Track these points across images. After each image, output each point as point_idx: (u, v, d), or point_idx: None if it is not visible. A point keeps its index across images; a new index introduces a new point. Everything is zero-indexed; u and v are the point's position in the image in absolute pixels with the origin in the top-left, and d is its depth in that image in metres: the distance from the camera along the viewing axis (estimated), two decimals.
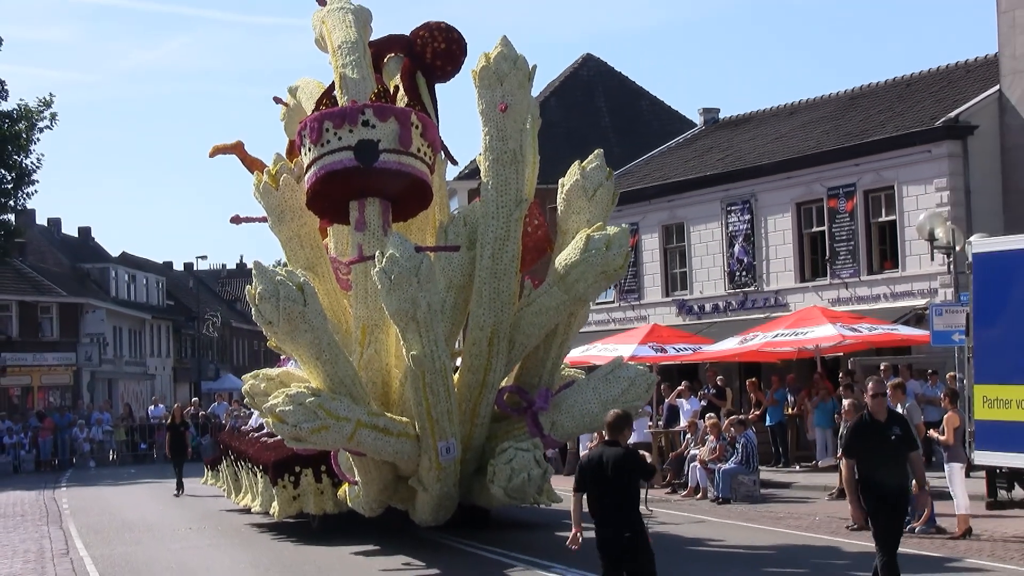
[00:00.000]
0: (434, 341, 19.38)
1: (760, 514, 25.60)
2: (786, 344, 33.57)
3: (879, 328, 33.01)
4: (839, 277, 37.89)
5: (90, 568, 21.34)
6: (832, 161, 38.09)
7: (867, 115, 40.51)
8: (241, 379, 28.09)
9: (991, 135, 35.50)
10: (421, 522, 22.00)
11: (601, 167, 22.65)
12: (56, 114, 56.47)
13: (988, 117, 35.60)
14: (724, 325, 39.67)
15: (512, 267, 21.61)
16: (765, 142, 43.57)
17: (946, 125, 35.30)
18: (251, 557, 22.15)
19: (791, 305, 38.55)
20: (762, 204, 40.41)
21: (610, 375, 21.97)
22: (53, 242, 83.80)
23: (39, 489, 38.70)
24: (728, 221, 41.45)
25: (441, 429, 19.85)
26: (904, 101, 40.11)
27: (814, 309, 35.02)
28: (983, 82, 37.14)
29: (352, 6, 24.63)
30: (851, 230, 37.53)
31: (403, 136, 21.43)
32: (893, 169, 36.50)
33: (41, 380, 70.14)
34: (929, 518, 22.01)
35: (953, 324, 26.07)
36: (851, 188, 37.48)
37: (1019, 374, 19.67)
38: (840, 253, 37.86)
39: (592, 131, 50.68)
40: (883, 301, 36.40)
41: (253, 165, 26.37)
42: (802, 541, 21.62)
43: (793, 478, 31.33)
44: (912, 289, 35.70)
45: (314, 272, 23.45)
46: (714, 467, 28.61)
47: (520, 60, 21.75)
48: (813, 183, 38.72)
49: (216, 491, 30.83)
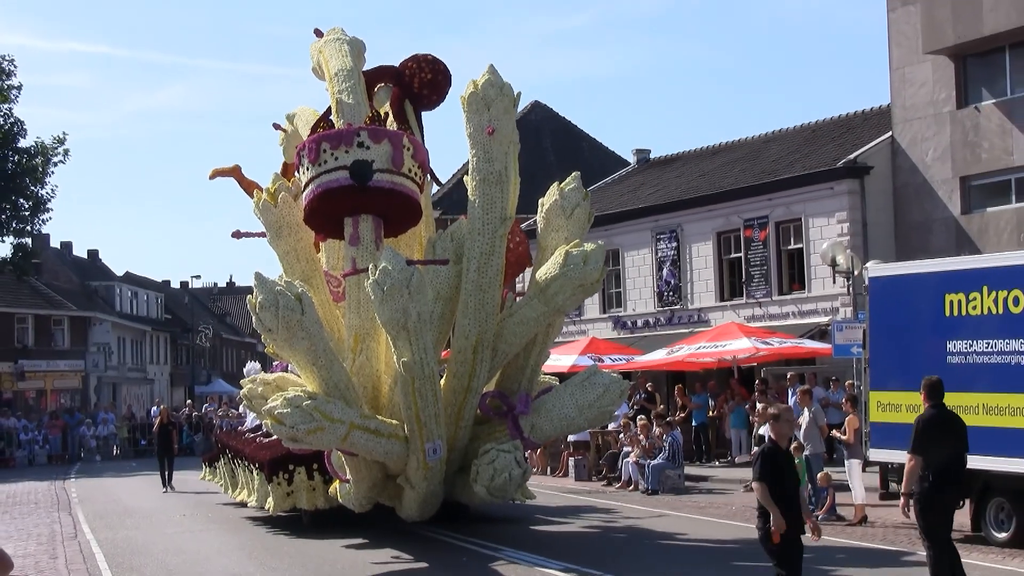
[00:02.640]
0: (423, 349, 18.85)
1: (684, 504, 25.66)
2: (707, 355, 33.63)
3: (788, 342, 33.17)
4: (753, 297, 38.00)
5: (96, 550, 21.19)
6: (748, 196, 38.21)
7: (778, 156, 40.66)
8: (229, 384, 27.81)
9: (884, 175, 35.69)
10: (407, 517, 21.44)
11: (578, 189, 21.99)
12: (68, 150, 56.73)
13: (882, 159, 35.77)
14: (653, 338, 39.69)
15: (496, 280, 20.95)
16: (690, 179, 43.66)
17: (846, 166, 35.48)
18: (239, 541, 22.02)
19: (712, 321, 38.60)
20: (687, 233, 40.49)
21: (586, 382, 21.33)
22: (65, 262, 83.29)
23: (51, 480, 38.42)
24: (657, 248, 41.51)
25: (428, 431, 19.35)
26: (810, 144, 40.28)
27: (732, 325, 35.15)
28: (878, 129, 37.34)
29: (347, 37, 24.10)
30: (764, 256, 37.68)
31: (396, 157, 20.91)
32: (801, 203, 36.64)
33: (54, 384, 69.76)
34: (831, 507, 22.17)
35: (852, 339, 26.16)
36: (764, 220, 37.61)
37: (907, 382, 19.71)
38: (754, 276, 37.99)
39: (539, 168, 50.31)
40: (791, 318, 36.51)
41: (249, 187, 25.97)
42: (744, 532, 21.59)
43: (713, 472, 31.45)
44: (816, 308, 35.83)
45: (309, 284, 22.65)
46: (644, 463, 28.63)
47: (506, 87, 21.16)
48: (731, 215, 38.83)
49: (210, 486, 30.31)
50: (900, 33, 35.63)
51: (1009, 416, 17.37)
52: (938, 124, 34.61)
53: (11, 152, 55.11)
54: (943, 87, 34.51)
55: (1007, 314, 18.21)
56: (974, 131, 33.70)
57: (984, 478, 18.01)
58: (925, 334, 19.45)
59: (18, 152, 55.22)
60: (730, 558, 18.31)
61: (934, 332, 19.25)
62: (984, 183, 33.93)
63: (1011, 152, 32.79)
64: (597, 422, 24.19)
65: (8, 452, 48.51)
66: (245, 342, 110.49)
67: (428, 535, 21.21)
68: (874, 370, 20.72)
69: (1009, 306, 18.20)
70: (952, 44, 33.61)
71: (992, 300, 18.47)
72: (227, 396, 73.18)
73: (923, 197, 34.95)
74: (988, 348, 18.45)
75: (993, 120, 33.24)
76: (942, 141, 34.49)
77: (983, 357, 18.52)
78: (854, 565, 17.21)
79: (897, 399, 19.94)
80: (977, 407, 18.25)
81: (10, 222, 55.65)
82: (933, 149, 34.70)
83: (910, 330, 19.85)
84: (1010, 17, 31.94)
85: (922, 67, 34.94)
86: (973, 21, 32.82)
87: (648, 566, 17.43)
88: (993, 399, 18.14)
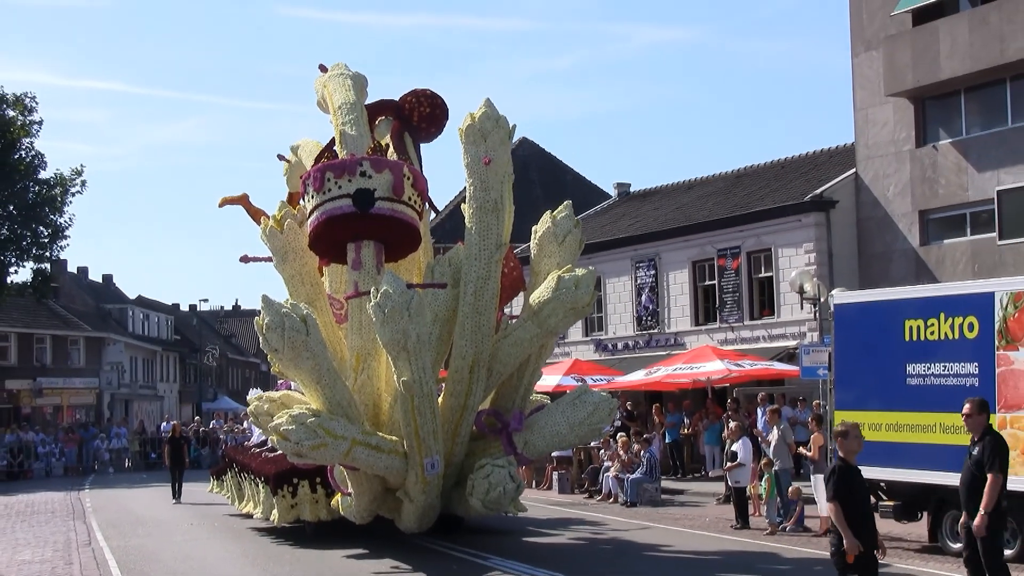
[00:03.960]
0: (422, 368, 18.66)
1: (662, 516, 25.64)
2: (683, 376, 33.63)
3: (759, 364, 33.20)
4: (726, 322, 38.07)
5: (108, 556, 21.15)
6: (721, 227, 38.29)
7: (750, 190, 40.77)
8: (234, 401, 27.68)
9: (849, 209, 35.82)
10: (406, 529, 21.20)
11: (569, 216, 21.77)
12: (85, 181, 56.72)
13: (847, 194, 35.89)
14: (633, 360, 39.72)
15: (492, 303, 20.76)
16: (668, 211, 43.75)
17: (813, 200, 35.59)
18: (244, 549, 21.94)
19: (687, 344, 38.62)
20: (665, 262, 40.58)
21: (577, 400, 21.08)
22: (81, 286, 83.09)
23: (66, 491, 38.25)
24: (637, 275, 41.59)
25: (427, 447, 19.17)
26: (780, 179, 40.40)
27: (706, 348, 35.17)
28: (843, 165, 37.44)
29: (350, 72, 23.95)
30: (736, 284, 37.76)
31: (396, 186, 20.77)
32: (771, 235, 36.75)
33: (69, 400, 69.54)
34: (799, 519, 22.21)
35: (818, 361, 26.19)
36: (737, 250, 37.71)
37: (870, 402, 19.81)
38: (727, 302, 38.07)
39: (526, 200, 50.07)
40: (762, 342, 36.59)
41: (256, 214, 25.83)
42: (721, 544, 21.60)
43: (687, 486, 31.40)
44: (785, 332, 35.91)
45: (314, 306, 22.36)
46: (623, 477, 28.65)
47: (502, 120, 20.82)
48: (706, 245, 38.93)
49: (216, 497, 30.11)
50: (863, 77, 35.83)
51: (964, 435, 17.42)
52: (899, 161, 34.77)
53: (32, 183, 55.09)
54: (903, 127, 34.70)
55: (962, 339, 18.31)
56: (932, 168, 33.86)
57: (940, 493, 18.09)
58: (886, 357, 19.51)
59: (38, 183, 55.19)
60: (712, 569, 18.28)
61: (895, 355, 19.31)
62: (941, 217, 34.08)
63: (966, 188, 32.97)
64: (588, 439, 24.05)
65: (26, 464, 48.31)
66: (250, 362, 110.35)
67: (426, 546, 21.09)
68: (839, 391, 20.78)
69: (964, 332, 18.31)
70: (912, 87, 33.79)
71: (948, 326, 18.56)
72: (232, 412, 73.08)
73: (884, 230, 35.09)
74: (944, 371, 18.53)
75: (950, 158, 33.41)
76: (902, 177, 34.65)
77: (940, 379, 18.60)
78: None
79: (860, 418, 19.91)
80: (934, 426, 18.36)
81: (30, 248, 55.60)
82: (894, 185, 34.85)
83: (872, 354, 19.91)
84: (965, 63, 32.16)
85: (884, 108, 35.12)
86: (931, 66, 33.02)
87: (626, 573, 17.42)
88: (948, 418, 18.18)
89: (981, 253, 32.42)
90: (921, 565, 17.35)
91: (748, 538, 21.56)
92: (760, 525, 22.73)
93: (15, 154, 53.96)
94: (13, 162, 53.68)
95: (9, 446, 48.28)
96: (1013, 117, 32.15)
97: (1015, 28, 31.01)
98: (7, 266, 55.23)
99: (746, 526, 22.85)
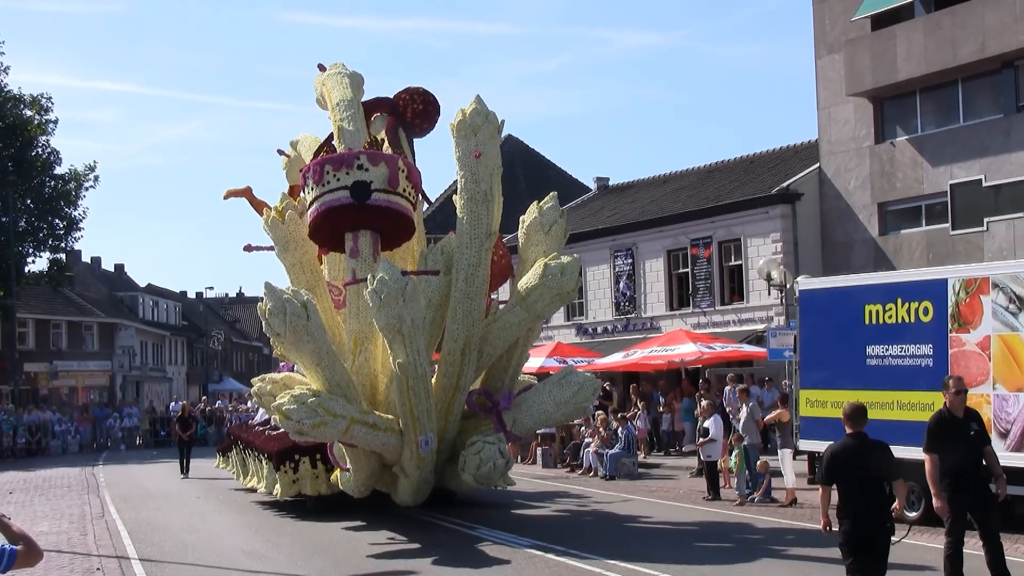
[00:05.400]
0: (416, 351, 18.53)
1: (639, 488, 25.67)
2: (658, 358, 33.62)
3: (729, 346, 33.19)
4: (699, 307, 38.12)
5: (120, 528, 21.11)
6: (694, 219, 38.32)
7: (721, 184, 40.79)
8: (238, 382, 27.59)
9: (813, 201, 35.87)
10: (402, 502, 21.15)
11: (555, 207, 21.62)
12: (99, 176, 56.76)
13: (811, 187, 35.94)
14: (611, 343, 39.73)
15: (482, 289, 20.57)
16: (644, 203, 43.76)
17: (780, 193, 35.64)
18: (248, 521, 21.89)
19: (662, 328, 38.65)
20: (641, 251, 40.59)
21: (562, 380, 21.15)
22: (94, 275, 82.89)
23: (81, 467, 38.15)
24: (615, 264, 41.60)
25: (421, 425, 19.09)
26: (748, 174, 40.43)
27: (680, 331, 35.17)
28: (807, 160, 37.47)
29: (348, 71, 23.72)
30: (708, 271, 37.80)
31: (391, 178, 20.54)
32: (740, 225, 36.80)
33: (84, 382, 69.54)
34: (766, 491, 22.27)
35: (784, 344, 26.25)
36: (708, 239, 37.74)
37: (832, 382, 19.87)
38: (700, 289, 38.11)
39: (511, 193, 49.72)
40: (732, 326, 36.64)
41: (259, 206, 25.54)
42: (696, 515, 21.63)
43: (662, 460, 31.47)
44: (754, 317, 35.97)
45: (314, 292, 22.15)
46: (603, 452, 28.68)
47: (491, 115, 20.59)
48: (680, 235, 38.95)
49: (222, 473, 30.07)
50: (826, 78, 35.85)
51: (919, 411, 17.50)
52: (859, 157, 34.83)
53: (48, 179, 55.01)
54: (863, 125, 34.74)
55: (918, 323, 18.39)
56: (890, 163, 33.93)
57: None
58: (848, 340, 19.57)
59: (54, 178, 55.12)
60: (691, 538, 18.31)
61: (855, 338, 19.38)
62: (898, 208, 34.14)
63: (922, 182, 33.04)
64: (573, 417, 23.96)
65: (44, 442, 48.21)
66: (253, 345, 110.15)
67: (420, 518, 21.04)
68: (804, 371, 20.83)
69: (920, 316, 18.39)
70: (871, 88, 33.83)
71: (905, 310, 18.64)
72: (237, 393, 73.10)
73: (846, 221, 35.16)
74: (901, 352, 18.62)
75: (906, 154, 33.47)
76: (862, 172, 34.71)
77: (897, 360, 18.69)
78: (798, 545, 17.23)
79: (824, 396, 20.07)
80: (892, 403, 18.43)
81: (47, 240, 55.55)
82: (855, 179, 34.91)
83: (835, 336, 19.97)
84: (920, 66, 32.20)
85: (845, 108, 35.16)
86: (889, 69, 33.06)
87: (612, 544, 17.40)
88: (905, 396, 18.31)
89: (935, 242, 32.50)
90: None
91: (719, 508, 21.63)
92: (730, 496, 22.79)
93: (32, 151, 53.93)
94: (30, 159, 53.64)
95: (28, 425, 48.23)
96: (965, 116, 32.22)
97: (967, 33, 31.06)
98: (25, 256, 55.20)
99: (717, 497, 22.90)
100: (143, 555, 17.72)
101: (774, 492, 22.21)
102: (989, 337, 17.38)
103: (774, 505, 21.51)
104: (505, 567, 15.43)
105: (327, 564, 16.34)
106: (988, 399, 17.23)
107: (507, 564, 15.66)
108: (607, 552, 16.16)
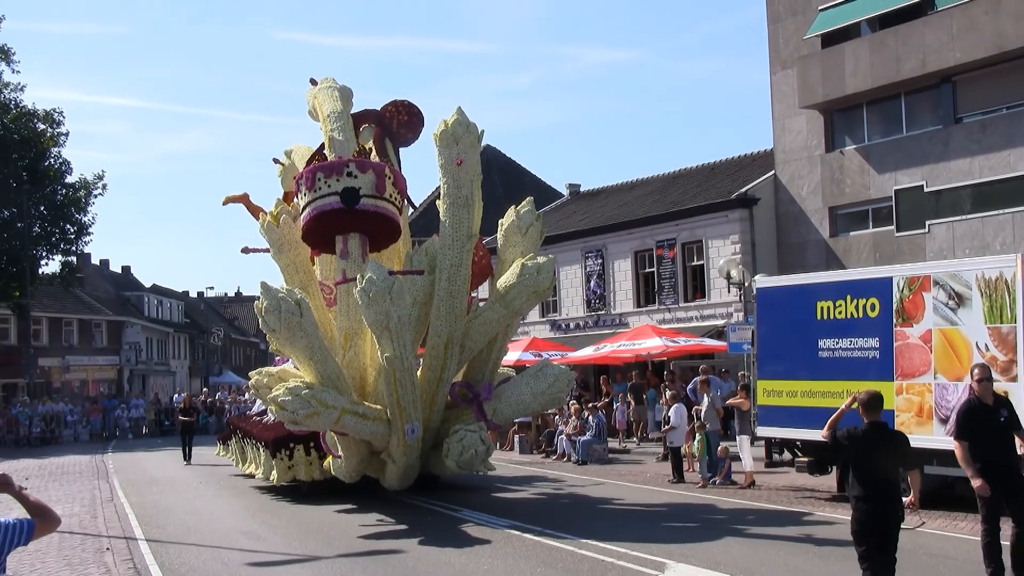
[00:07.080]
0: (403, 346, 18.55)
1: (609, 472, 25.64)
2: (627, 352, 33.69)
3: (692, 340, 33.30)
4: (664, 304, 38.13)
5: (128, 511, 21.00)
6: (660, 222, 38.32)
7: (684, 189, 40.81)
8: (237, 375, 27.47)
9: (769, 205, 35.94)
10: (389, 487, 21.14)
11: (532, 211, 21.63)
12: (107, 184, 56.70)
13: (767, 192, 36.00)
14: (583, 338, 39.71)
15: (464, 288, 20.56)
16: (613, 208, 43.74)
17: (738, 198, 35.68)
18: (246, 505, 21.78)
19: (630, 324, 38.69)
20: (610, 252, 40.58)
21: (539, 372, 21.09)
22: (103, 276, 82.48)
23: (91, 454, 38.05)
24: (586, 264, 41.58)
25: (407, 414, 19.13)
26: (709, 180, 40.46)
27: (646, 327, 35.26)
28: (763, 168, 37.54)
29: (338, 85, 23.65)
30: (672, 271, 37.82)
31: (379, 184, 20.50)
32: (702, 228, 36.81)
33: (94, 376, 69.25)
34: (727, 474, 22.29)
35: (743, 338, 26.27)
36: (672, 241, 37.75)
37: (787, 373, 19.89)
38: (665, 287, 38.13)
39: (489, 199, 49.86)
40: (694, 321, 36.65)
41: (256, 211, 25.49)
42: (664, 497, 21.60)
43: (630, 446, 31.48)
44: (715, 313, 36.01)
45: (306, 291, 22.21)
46: (575, 439, 28.67)
47: (472, 126, 20.41)
48: (646, 237, 38.95)
49: (222, 460, 29.97)
50: (780, 92, 35.93)
51: None
52: (811, 165, 34.90)
53: (60, 187, 54.74)
54: (814, 135, 34.83)
55: (866, 317, 18.42)
56: (839, 170, 34.01)
57: None
58: (802, 334, 19.59)
59: (66, 187, 54.86)
60: (661, 519, 18.27)
61: (808, 332, 19.40)
62: (847, 212, 34.23)
63: (868, 188, 33.14)
64: (549, 406, 23.91)
65: (57, 431, 48.15)
66: (250, 341, 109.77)
67: (407, 501, 20.95)
68: (761, 363, 20.84)
69: (867, 311, 18.42)
70: (821, 101, 33.91)
71: (854, 306, 18.67)
72: (236, 386, 72.70)
73: (800, 223, 35.23)
74: (851, 345, 18.65)
75: (854, 162, 33.57)
76: (814, 178, 34.79)
77: (847, 352, 18.72)
78: (757, 524, 17.24)
79: (779, 387, 20.10)
80: (843, 392, 18.43)
81: (59, 243, 55.33)
82: (807, 185, 34.98)
83: (790, 331, 19.98)
84: (866, 80, 32.31)
85: (798, 119, 35.24)
86: (838, 83, 33.15)
87: (585, 524, 17.36)
88: (855, 386, 18.20)
89: (881, 243, 32.60)
90: (832, 513, 17.45)
91: (683, 491, 21.61)
92: (693, 480, 22.79)
93: (45, 162, 53.70)
94: (44, 169, 53.41)
95: (42, 416, 48.18)
96: (908, 127, 32.33)
97: (909, 50, 31.17)
98: (39, 259, 54.93)
99: (681, 480, 22.91)
100: (149, 536, 17.64)
101: (734, 475, 22.23)
102: (931, 331, 17.42)
103: (734, 487, 21.52)
104: (486, 546, 15.37)
105: (320, 544, 16.25)
106: (930, 388, 17.30)
107: (488, 543, 15.60)
108: (581, 532, 16.11)
